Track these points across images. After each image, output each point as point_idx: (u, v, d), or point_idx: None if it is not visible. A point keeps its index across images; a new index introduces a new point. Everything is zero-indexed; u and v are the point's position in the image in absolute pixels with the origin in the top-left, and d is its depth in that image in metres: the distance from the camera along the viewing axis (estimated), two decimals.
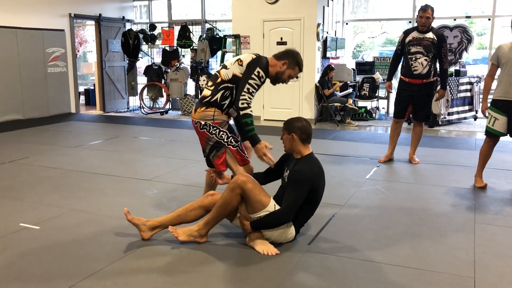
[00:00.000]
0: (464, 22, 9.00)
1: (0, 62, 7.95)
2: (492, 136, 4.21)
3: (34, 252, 2.90)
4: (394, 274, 2.63)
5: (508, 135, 4.14)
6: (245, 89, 3.08)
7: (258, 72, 3.11)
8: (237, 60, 3.19)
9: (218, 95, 3.17)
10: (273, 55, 3.28)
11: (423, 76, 4.96)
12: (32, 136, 6.85)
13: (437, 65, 5.03)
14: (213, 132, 3.19)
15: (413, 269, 2.69)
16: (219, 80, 3.20)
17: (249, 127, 3.10)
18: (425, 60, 4.91)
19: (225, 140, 3.19)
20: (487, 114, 4.22)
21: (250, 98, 3.10)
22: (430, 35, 4.91)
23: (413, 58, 4.95)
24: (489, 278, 2.59)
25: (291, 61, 3.21)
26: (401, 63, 5.22)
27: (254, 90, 3.12)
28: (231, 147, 3.19)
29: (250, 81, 3.09)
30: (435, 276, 2.60)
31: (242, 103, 3.07)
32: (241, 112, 3.08)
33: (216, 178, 3.26)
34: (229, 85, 3.16)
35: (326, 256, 2.86)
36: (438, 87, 5.26)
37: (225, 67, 3.24)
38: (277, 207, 2.92)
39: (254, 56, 3.20)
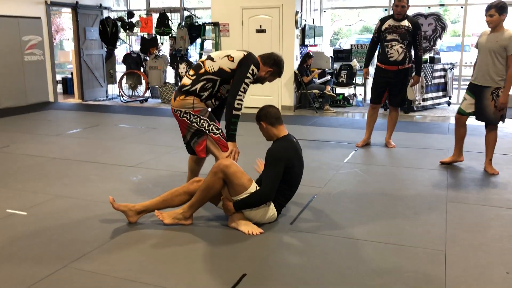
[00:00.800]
0: (438, 10, 9.23)
1: None
2: (459, 114, 4.50)
3: (24, 236, 2.96)
4: (373, 249, 2.79)
5: (474, 117, 4.39)
6: (241, 89, 3.19)
7: (252, 70, 3.22)
8: (227, 55, 3.25)
9: (198, 86, 3.24)
10: (259, 56, 3.35)
11: (398, 62, 5.13)
12: (11, 125, 6.80)
13: (412, 52, 5.21)
14: (194, 120, 3.27)
15: (391, 245, 2.85)
16: (202, 70, 3.27)
17: (234, 127, 3.26)
18: (401, 47, 5.08)
19: (206, 128, 3.28)
20: None
21: (244, 98, 3.24)
22: (405, 23, 5.07)
23: (389, 45, 5.11)
24: (459, 250, 2.78)
25: (275, 70, 3.37)
26: (377, 51, 5.38)
27: (247, 88, 3.25)
28: (212, 134, 3.28)
29: (246, 80, 3.21)
30: (411, 250, 2.77)
31: (238, 104, 3.19)
32: (234, 112, 3.20)
33: None
34: (213, 77, 3.24)
35: (307, 235, 3.00)
36: (413, 74, 5.44)
37: (211, 58, 3.30)
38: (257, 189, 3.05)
39: (245, 53, 3.29)
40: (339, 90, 9.10)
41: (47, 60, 9.26)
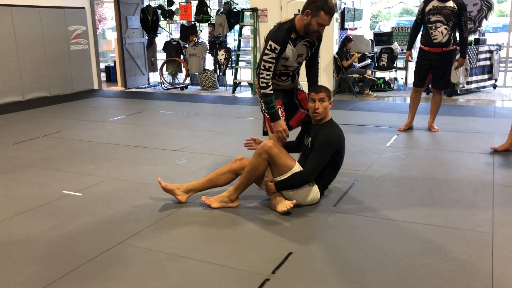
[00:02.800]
0: None
1: (26, 41, 8.16)
2: None
3: (79, 215, 3.14)
4: (417, 230, 2.80)
5: None
6: (262, 67, 3.17)
7: (270, 46, 3.12)
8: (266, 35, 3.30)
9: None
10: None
11: (442, 44, 5.02)
12: (60, 112, 7.11)
13: (457, 33, 5.08)
14: (259, 100, 3.39)
15: (435, 227, 2.86)
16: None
17: (269, 105, 3.23)
18: (445, 29, 4.97)
19: (263, 108, 3.35)
20: None
21: (268, 75, 3.15)
22: (450, 3, 4.94)
23: (433, 27, 5.01)
24: (507, 233, 2.75)
25: (313, 7, 3.04)
26: (420, 32, 5.28)
27: (271, 65, 3.14)
28: (266, 114, 3.35)
29: (264, 57, 3.15)
30: (456, 232, 2.77)
31: (262, 83, 3.18)
32: (262, 91, 3.20)
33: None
34: None
35: (351, 216, 3.05)
36: (458, 56, 5.31)
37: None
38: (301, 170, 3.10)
39: (272, 28, 3.25)
40: (379, 74, 8.97)
41: (92, 49, 9.57)
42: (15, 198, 3.49)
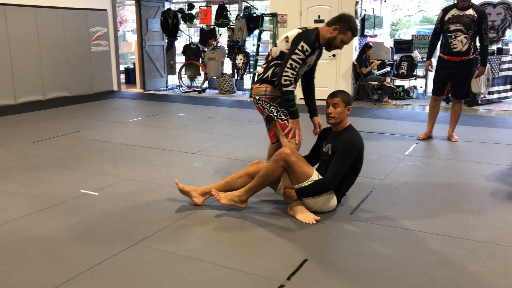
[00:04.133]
0: None
1: (48, 41, 8.30)
2: None
3: (96, 215, 3.16)
4: (435, 242, 2.75)
5: None
6: (288, 65, 3.16)
7: (302, 47, 3.14)
8: (285, 37, 3.30)
9: (269, 72, 3.34)
10: (326, 22, 3.31)
11: (462, 53, 4.95)
12: (79, 112, 7.20)
13: (478, 42, 5.00)
14: (265, 106, 3.38)
15: (454, 238, 2.80)
16: (270, 58, 3.37)
17: (290, 103, 3.23)
18: (465, 37, 4.89)
19: (275, 114, 3.34)
20: None
21: (293, 74, 3.17)
22: (470, 11, 4.87)
23: (453, 36, 4.95)
24: None
25: (343, 25, 3.18)
26: (440, 41, 5.21)
27: (298, 65, 3.17)
28: (279, 120, 3.34)
29: (293, 56, 3.15)
30: (475, 245, 2.71)
31: (285, 80, 3.17)
32: (284, 89, 3.19)
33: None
34: (278, 62, 3.29)
35: (368, 224, 3.01)
36: (479, 65, 5.23)
37: (275, 45, 3.37)
38: (320, 177, 3.07)
39: (300, 31, 3.26)
40: (399, 82, 8.89)
41: (112, 51, 9.68)
42: (34, 196, 3.53)
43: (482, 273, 2.39)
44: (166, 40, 10.39)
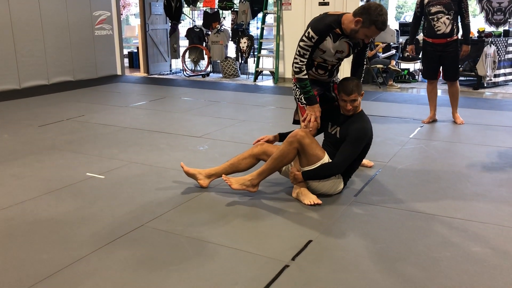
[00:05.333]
0: None
1: (51, 25, 8.27)
2: None
3: (103, 198, 3.19)
4: (440, 223, 2.77)
5: None
6: (296, 52, 3.14)
7: (308, 33, 3.07)
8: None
9: None
10: (353, 11, 3.09)
11: (446, 35, 4.94)
12: (84, 96, 7.21)
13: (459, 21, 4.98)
14: (293, 88, 3.38)
15: (458, 219, 2.82)
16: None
17: (304, 90, 3.19)
18: (447, 18, 4.87)
19: (297, 96, 3.33)
20: None
21: (302, 61, 3.11)
22: None
23: (435, 19, 4.92)
24: None
25: (366, 18, 2.94)
26: (422, 25, 5.18)
27: (306, 52, 3.09)
28: (299, 103, 3.33)
29: (300, 43, 3.11)
30: (480, 226, 2.72)
31: (295, 68, 3.15)
32: (296, 76, 3.18)
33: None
34: None
35: (372, 207, 3.03)
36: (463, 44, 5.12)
37: None
38: (330, 161, 3.08)
39: (316, 17, 3.18)
40: (404, 65, 8.83)
41: (115, 35, 9.64)
42: (41, 179, 3.56)
43: (485, 254, 2.41)
44: (170, 24, 10.33)
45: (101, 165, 3.87)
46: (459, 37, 5.08)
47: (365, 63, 3.47)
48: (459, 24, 5.01)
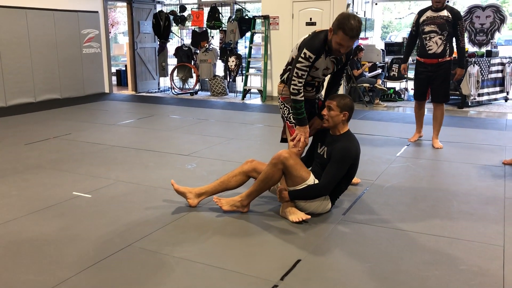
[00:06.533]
0: (497, 1, 8.88)
1: (39, 43, 8.26)
2: None
3: (89, 217, 3.15)
4: (427, 242, 2.78)
5: None
6: (294, 73, 3.14)
7: (305, 54, 3.08)
8: (297, 42, 3.26)
9: (285, 76, 3.36)
10: None
11: (438, 55, 4.91)
12: (71, 114, 7.16)
13: (454, 44, 4.98)
14: (280, 106, 3.41)
15: (445, 238, 2.84)
16: (288, 61, 3.36)
17: (299, 111, 3.23)
18: (440, 39, 4.86)
19: (286, 115, 3.36)
20: None
21: (300, 83, 3.13)
22: (444, 12, 4.84)
23: (427, 38, 4.92)
24: None
25: (335, 25, 2.94)
26: (416, 45, 5.20)
27: (304, 73, 3.11)
28: (288, 122, 3.36)
29: (298, 65, 3.11)
30: (466, 244, 2.74)
31: (293, 89, 3.16)
32: (292, 97, 3.20)
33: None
34: (290, 66, 3.29)
35: (360, 225, 3.03)
36: (457, 67, 5.17)
37: (293, 50, 3.33)
38: (316, 181, 3.09)
39: (306, 36, 3.21)
40: (390, 84, 8.96)
41: (104, 53, 9.65)
42: (26, 198, 3.52)
43: (472, 272, 2.43)
44: (158, 42, 10.38)
45: (87, 184, 3.83)
46: (453, 59, 5.03)
47: (340, 83, 3.52)
48: (454, 46, 4.99)
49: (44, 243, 2.74)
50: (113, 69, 11.67)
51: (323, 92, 3.57)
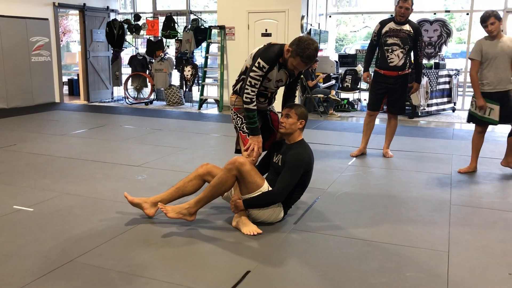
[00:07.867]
0: (444, 16, 9.26)
1: None
2: (483, 125, 4.44)
3: (30, 232, 2.99)
4: (376, 249, 2.81)
5: (499, 123, 4.35)
6: (247, 82, 3.14)
7: (259, 63, 3.10)
8: (251, 53, 3.26)
9: (238, 86, 3.33)
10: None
11: (398, 68, 4.97)
12: (17, 125, 6.86)
13: (412, 58, 5.06)
14: (233, 117, 3.38)
15: (393, 245, 2.87)
16: (241, 71, 3.34)
17: (251, 120, 3.21)
18: (401, 52, 4.93)
19: (239, 125, 3.33)
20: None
21: (253, 92, 3.14)
22: (407, 27, 4.93)
23: (390, 50, 4.95)
24: (462, 251, 2.79)
25: (294, 49, 3.03)
26: (375, 56, 5.20)
27: (257, 82, 3.12)
28: (241, 132, 3.32)
29: (251, 74, 3.12)
30: (413, 251, 2.79)
31: (246, 98, 3.16)
32: (245, 106, 3.18)
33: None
34: (244, 76, 3.27)
35: (311, 234, 3.03)
36: (414, 81, 5.29)
37: (246, 60, 3.33)
38: (271, 189, 3.06)
39: (261, 47, 3.23)
40: (343, 95, 9.13)
41: (54, 61, 9.34)
42: None
43: (419, 278, 2.46)
44: (112, 51, 10.16)
45: (30, 197, 3.65)
46: (410, 72, 5.09)
47: (295, 95, 3.54)
48: (412, 60, 5.05)
49: None
50: (65, 78, 11.32)
51: (274, 104, 3.58)
